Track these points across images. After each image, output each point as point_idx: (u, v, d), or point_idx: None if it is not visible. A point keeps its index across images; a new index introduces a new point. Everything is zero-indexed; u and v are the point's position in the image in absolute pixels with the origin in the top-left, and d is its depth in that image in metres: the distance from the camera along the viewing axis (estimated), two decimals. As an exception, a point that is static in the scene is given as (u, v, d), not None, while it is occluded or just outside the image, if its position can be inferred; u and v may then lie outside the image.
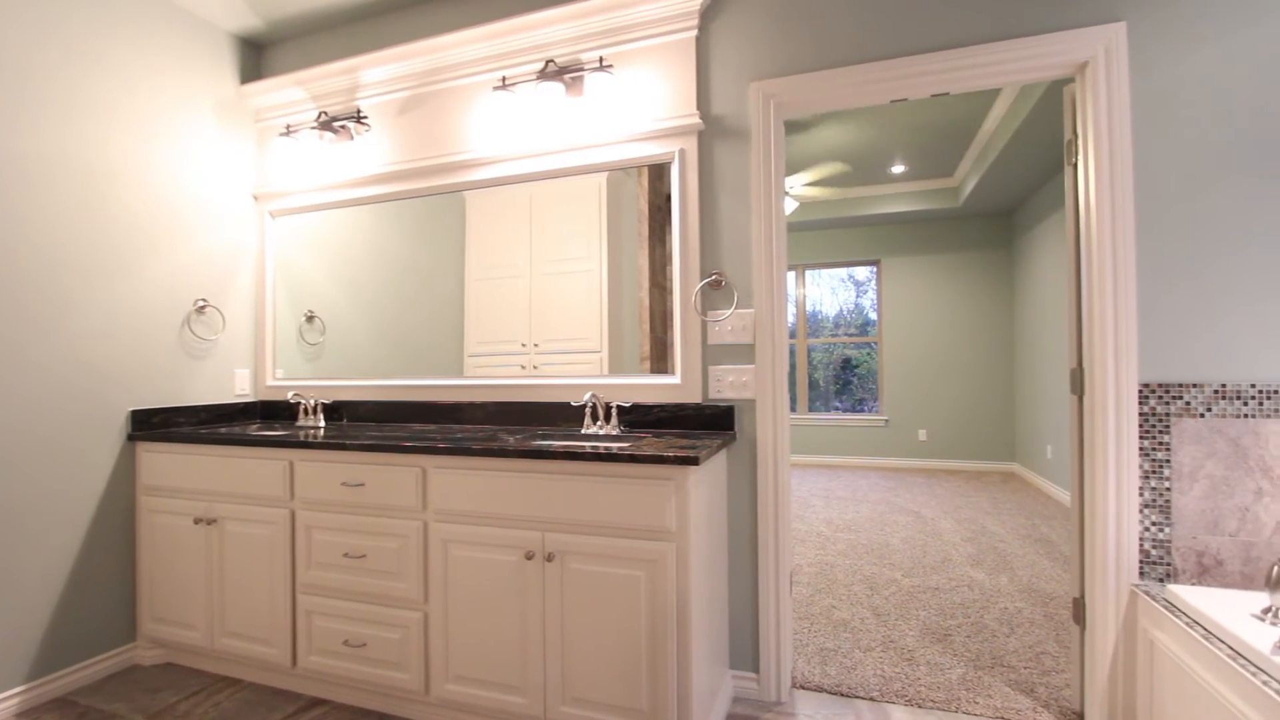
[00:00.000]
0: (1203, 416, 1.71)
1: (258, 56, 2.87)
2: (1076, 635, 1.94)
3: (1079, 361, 1.91)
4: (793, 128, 4.52)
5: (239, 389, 2.74)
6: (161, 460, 2.28)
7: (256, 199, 2.82)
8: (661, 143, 2.16)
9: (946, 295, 6.40)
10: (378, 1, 2.58)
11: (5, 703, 1.97)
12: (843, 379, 7.05)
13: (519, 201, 2.40)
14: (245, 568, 2.13)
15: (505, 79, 2.31)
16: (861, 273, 6.92)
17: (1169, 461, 1.74)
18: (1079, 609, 1.92)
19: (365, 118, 2.59)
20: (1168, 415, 1.74)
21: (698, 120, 2.10)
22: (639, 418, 2.16)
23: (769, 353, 2.05)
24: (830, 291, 7.07)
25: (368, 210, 2.64)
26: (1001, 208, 5.97)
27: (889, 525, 4.24)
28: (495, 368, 2.42)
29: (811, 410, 7.01)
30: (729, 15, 2.13)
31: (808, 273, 7.04)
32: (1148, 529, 1.75)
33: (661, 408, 2.14)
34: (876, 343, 6.75)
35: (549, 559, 1.72)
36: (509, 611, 1.77)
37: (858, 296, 6.98)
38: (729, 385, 2.09)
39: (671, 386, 2.15)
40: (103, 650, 2.25)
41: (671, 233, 2.17)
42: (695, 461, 1.58)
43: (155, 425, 2.39)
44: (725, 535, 2.06)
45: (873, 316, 6.83)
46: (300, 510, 2.05)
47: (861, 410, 6.90)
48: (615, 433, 2.11)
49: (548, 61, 2.21)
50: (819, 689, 2.11)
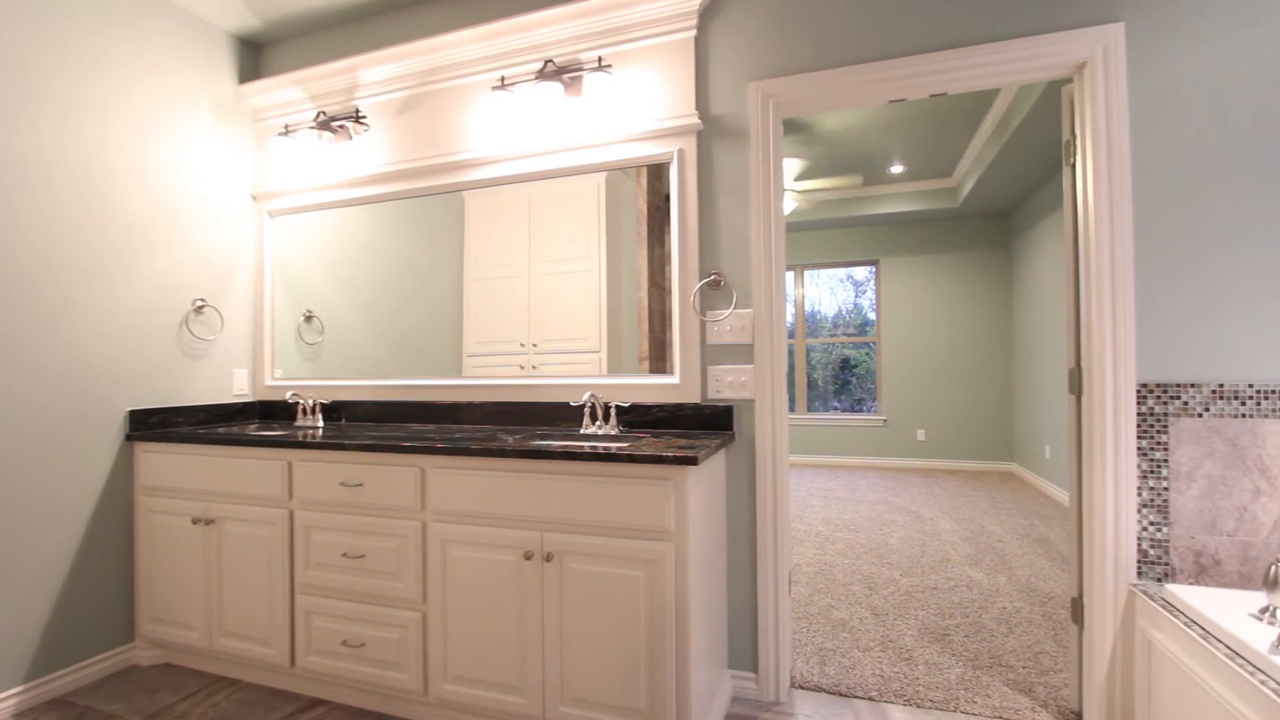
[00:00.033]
0: (1200, 416, 1.72)
1: (256, 56, 2.87)
2: (1075, 635, 1.94)
3: (1077, 361, 1.91)
4: (791, 128, 4.52)
5: (237, 389, 2.74)
6: (160, 460, 2.28)
7: (255, 199, 2.82)
8: (660, 143, 2.16)
9: (945, 295, 6.40)
10: (376, 1, 2.58)
11: (3, 704, 1.97)
12: (841, 379, 7.06)
13: (518, 201, 2.40)
14: (244, 568, 2.13)
15: (504, 79, 2.31)
16: (860, 273, 6.92)
17: (1167, 461, 1.74)
18: (1077, 608, 1.92)
19: (364, 118, 2.58)
20: (1166, 415, 1.74)
21: (696, 120, 2.10)
22: (638, 418, 2.16)
23: (768, 353, 2.06)
24: (829, 291, 7.08)
25: (366, 210, 2.64)
26: (1000, 208, 5.98)
27: (887, 525, 4.24)
28: (494, 368, 2.42)
29: (810, 410, 7.02)
30: (728, 15, 2.13)
31: (806, 273, 7.05)
32: (1146, 529, 1.75)
33: (660, 408, 2.14)
34: (875, 343, 6.75)
35: (548, 559, 1.72)
36: (508, 611, 1.77)
37: (856, 296, 6.99)
38: (728, 385, 2.09)
39: (670, 386, 2.15)
40: (101, 651, 2.25)
41: (670, 233, 2.17)
42: (694, 461, 1.58)
43: (153, 425, 2.39)
44: (724, 535, 2.06)
45: (871, 316, 6.83)
46: (299, 510, 2.05)
47: (860, 410, 6.90)
48: (614, 433, 2.10)
49: (546, 61, 2.21)
50: (818, 689, 2.11)
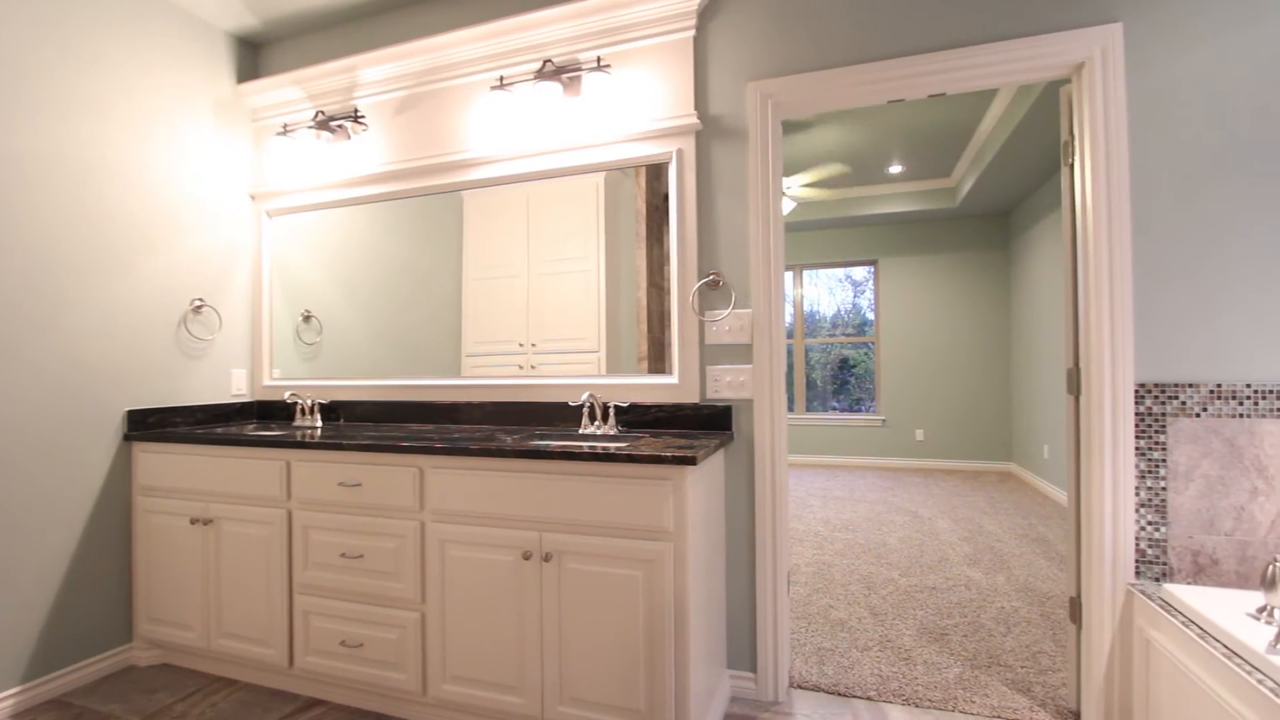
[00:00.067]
0: (1198, 416, 1.72)
1: (255, 56, 2.87)
2: (1073, 634, 1.94)
3: (1075, 361, 1.92)
4: (790, 128, 4.53)
5: (235, 389, 2.74)
6: (158, 460, 2.28)
7: (253, 198, 2.81)
8: (659, 143, 2.16)
9: (944, 295, 6.41)
10: (375, 1, 2.58)
11: (1, 704, 1.96)
12: (840, 379, 7.06)
13: (516, 201, 2.40)
14: (242, 568, 2.13)
15: (503, 79, 2.31)
16: (859, 273, 6.93)
17: (1165, 461, 1.74)
18: (1075, 608, 1.93)
19: (362, 117, 2.58)
20: (1164, 415, 1.74)
21: (695, 120, 2.10)
22: (637, 418, 2.16)
23: (766, 352, 2.06)
24: (828, 291, 7.08)
25: (365, 210, 2.64)
26: (998, 208, 5.99)
27: (886, 525, 4.24)
28: (493, 368, 2.42)
29: (809, 410, 7.02)
30: (726, 15, 2.13)
31: (805, 273, 7.05)
32: (1144, 528, 1.76)
33: (659, 408, 2.14)
34: (874, 343, 6.76)
35: (546, 559, 1.71)
36: (506, 611, 1.77)
37: (855, 296, 6.99)
38: (726, 385, 2.09)
39: (669, 386, 2.15)
40: (99, 651, 2.24)
41: (669, 233, 2.17)
42: (693, 461, 1.58)
43: (151, 425, 2.38)
44: (723, 535, 2.06)
45: (870, 316, 6.84)
46: (297, 510, 2.05)
47: (859, 410, 6.91)
48: (613, 433, 2.10)
49: (545, 61, 2.21)
50: (816, 689, 2.11)
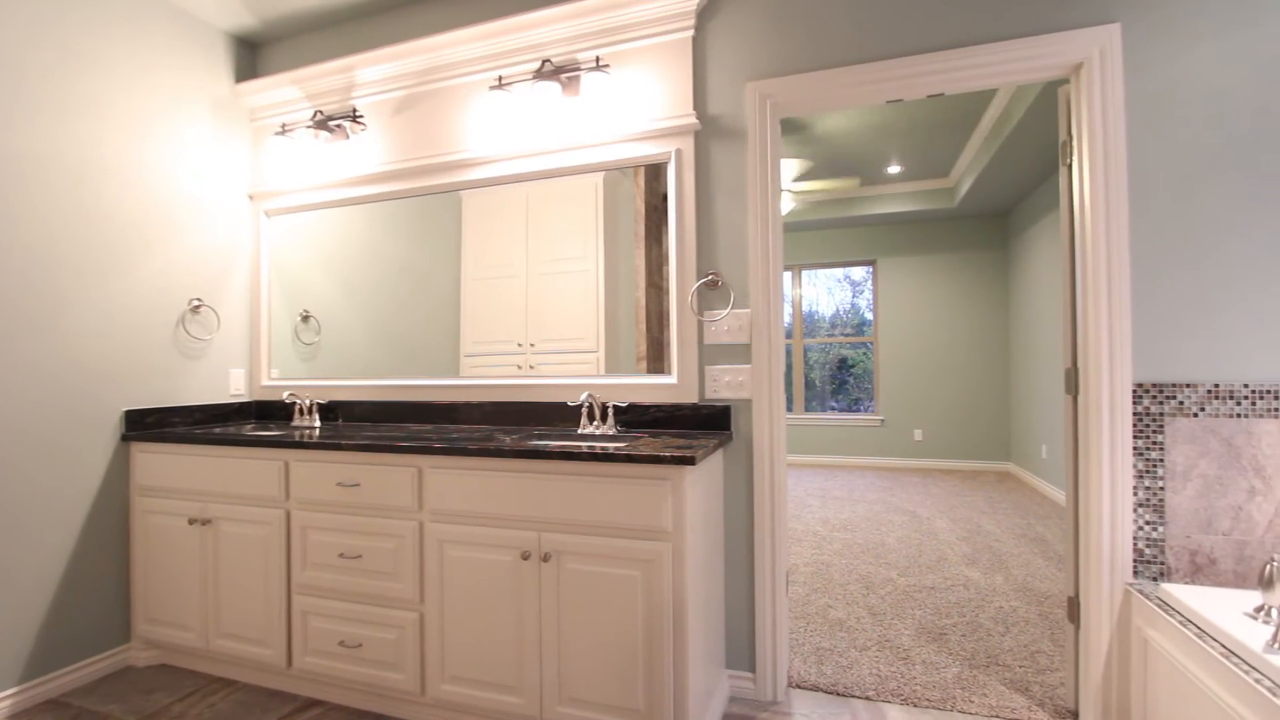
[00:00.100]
0: (1196, 416, 1.72)
1: (253, 55, 2.86)
2: (1071, 634, 1.94)
3: (1073, 361, 1.92)
4: (789, 128, 4.53)
5: (234, 389, 2.73)
6: (156, 460, 2.27)
7: (251, 198, 2.81)
8: (658, 143, 2.16)
9: (942, 295, 6.41)
10: (373, 1, 2.57)
11: (-2, 704, 1.96)
12: (839, 379, 7.07)
13: (515, 201, 2.39)
14: (240, 568, 2.13)
15: (501, 78, 2.31)
16: (858, 273, 6.93)
17: (1163, 461, 1.75)
18: (1073, 608, 1.93)
19: (361, 117, 2.58)
20: (1161, 415, 1.75)
21: (694, 120, 2.10)
22: (635, 418, 2.16)
23: (765, 352, 2.06)
24: (826, 291, 7.09)
25: (363, 210, 2.64)
26: (997, 208, 6.00)
27: (885, 525, 4.24)
28: (491, 368, 2.42)
29: (808, 410, 7.02)
30: (725, 15, 2.13)
31: (804, 273, 7.05)
32: (1141, 528, 1.76)
33: (658, 408, 2.14)
34: (872, 343, 6.76)
35: (545, 559, 1.71)
36: (505, 612, 1.77)
37: (854, 296, 7.00)
38: (725, 385, 2.09)
39: (668, 386, 2.15)
40: (97, 651, 2.24)
41: (668, 232, 2.17)
42: (691, 461, 1.58)
43: (149, 425, 2.38)
44: (721, 535, 2.06)
45: (869, 316, 6.84)
46: (295, 510, 2.04)
47: (857, 410, 6.91)
48: (611, 433, 2.10)
49: (544, 61, 2.21)
50: (815, 688, 2.11)
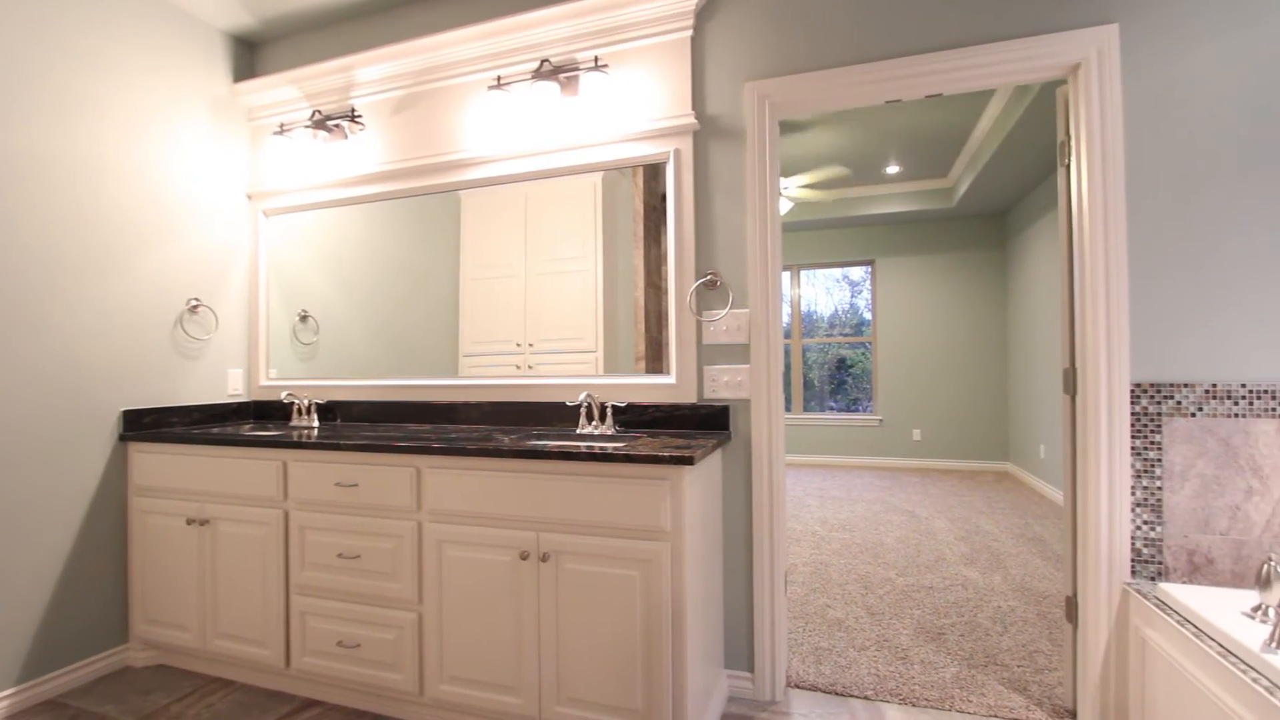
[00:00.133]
0: (1194, 416, 1.73)
1: (251, 55, 2.86)
2: (1069, 633, 1.95)
3: (1071, 361, 1.92)
4: (788, 128, 4.53)
5: (232, 389, 2.73)
6: (154, 460, 2.27)
7: (250, 198, 2.81)
8: (656, 143, 2.16)
9: (941, 295, 6.42)
10: (372, 0, 2.57)
11: (-5, 705, 1.96)
12: (837, 379, 7.07)
13: (514, 201, 2.39)
14: (238, 569, 2.12)
15: (500, 78, 2.31)
16: (856, 273, 6.94)
17: (1160, 461, 1.75)
18: (1071, 607, 1.93)
19: (359, 117, 2.58)
20: (1159, 415, 1.75)
21: (693, 120, 2.10)
22: (634, 418, 2.16)
23: (764, 352, 2.06)
24: (825, 291, 7.09)
25: (362, 209, 2.64)
26: (995, 208, 6.00)
27: (883, 525, 4.25)
28: (490, 368, 2.42)
29: (806, 410, 7.03)
30: (724, 15, 2.13)
31: (803, 273, 7.06)
32: (1139, 528, 1.76)
33: (656, 408, 2.14)
34: (871, 343, 6.77)
35: (544, 559, 1.71)
36: (504, 612, 1.77)
37: (852, 296, 7.00)
38: (724, 385, 2.09)
39: (666, 386, 2.15)
40: (94, 652, 2.23)
41: (667, 232, 2.17)
42: (690, 461, 1.58)
43: (147, 425, 2.37)
44: (720, 535, 2.06)
45: (867, 316, 6.85)
46: (294, 511, 2.04)
47: (856, 410, 6.92)
48: (610, 433, 2.10)
49: (543, 61, 2.20)
50: (814, 688, 2.11)
